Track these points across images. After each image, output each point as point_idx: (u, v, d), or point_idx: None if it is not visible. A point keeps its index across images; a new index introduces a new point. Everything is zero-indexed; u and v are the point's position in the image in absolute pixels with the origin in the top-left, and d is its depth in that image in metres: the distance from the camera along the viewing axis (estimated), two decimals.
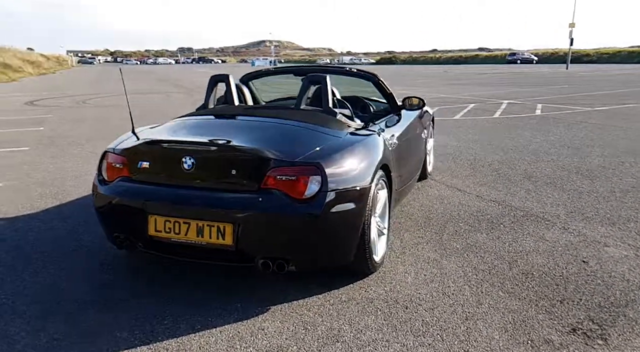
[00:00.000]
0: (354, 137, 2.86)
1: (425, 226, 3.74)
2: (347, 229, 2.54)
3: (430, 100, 13.75)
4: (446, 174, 5.37)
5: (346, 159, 2.59)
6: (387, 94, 3.95)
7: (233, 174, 2.41)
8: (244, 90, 3.49)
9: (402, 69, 48.34)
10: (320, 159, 2.46)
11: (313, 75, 3.19)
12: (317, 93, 3.18)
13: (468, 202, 4.32)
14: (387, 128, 3.46)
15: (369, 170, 2.67)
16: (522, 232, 3.59)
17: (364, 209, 2.60)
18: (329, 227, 2.43)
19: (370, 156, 2.75)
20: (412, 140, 4.03)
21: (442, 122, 9.47)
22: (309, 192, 2.38)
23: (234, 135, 2.67)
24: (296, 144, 2.60)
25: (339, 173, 2.49)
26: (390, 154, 3.16)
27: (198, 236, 2.43)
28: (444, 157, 6.24)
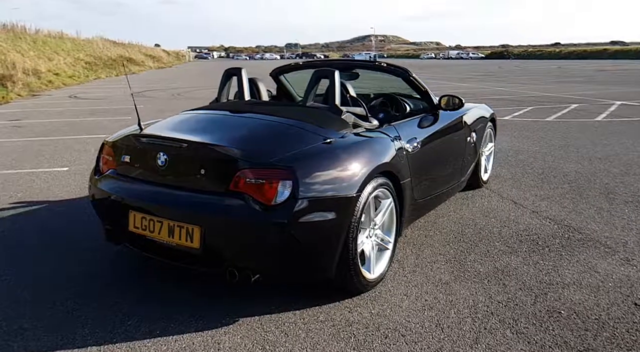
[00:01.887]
0: (349, 139, 2.59)
1: (453, 242, 3.32)
2: (322, 241, 2.29)
3: (528, 99, 12.60)
4: (507, 183, 4.78)
5: (328, 163, 2.33)
6: (422, 92, 3.57)
7: (202, 173, 2.28)
8: (258, 85, 3.34)
9: (511, 64, 45.15)
10: (296, 162, 2.24)
11: (321, 69, 2.94)
12: (328, 89, 2.94)
13: (518, 218, 3.78)
14: (409, 130, 3.10)
15: (358, 178, 2.38)
16: (570, 260, 3.03)
17: (346, 221, 2.32)
18: (298, 238, 2.20)
19: (362, 161, 2.46)
20: (447, 144, 3.60)
21: (529, 124, 8.57)
22: (279, 198, 2.17)
23: (217, 132, 2.54)
24: (276, 144, 2.40)
25: (316, 179, 2.24)
26: (402, 160, 2.83)
27: (169, 236, 2.34)
28: (513, 163, 5.59)
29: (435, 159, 3.38)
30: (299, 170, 2.21)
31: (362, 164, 2.45)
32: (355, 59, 3.88)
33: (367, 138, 2.70)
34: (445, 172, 3.58)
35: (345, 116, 2.80)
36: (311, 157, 2.31)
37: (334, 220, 2.27)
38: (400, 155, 2.83)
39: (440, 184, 3.52)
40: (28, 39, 25.91)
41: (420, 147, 3.10)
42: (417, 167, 3.05)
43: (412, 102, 3.86)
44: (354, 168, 2.41)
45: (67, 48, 30.24)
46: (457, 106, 3.51)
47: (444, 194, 3.65)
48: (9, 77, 15.88)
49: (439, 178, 3.47)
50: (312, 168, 2.27)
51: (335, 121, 2.74)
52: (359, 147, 2.56)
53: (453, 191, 3.89)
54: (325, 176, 2.28)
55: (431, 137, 3.32)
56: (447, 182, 3.65)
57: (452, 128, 3.66)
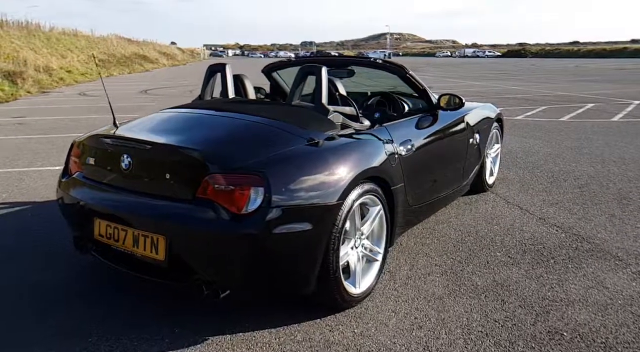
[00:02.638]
0: (333, 141, 2.38)
1: (451, 251, 3.10)
2: (298, 254, 2.09)
3: (542, 98, 12.24)
4: (514, 187, 4.53)
5: (307, 167, 2.13)
6: (420, 90, 3.34)
7: (167, 178, 2.10)
8: (244, 82, 3.15)
9: (527, 63, 44.34)
10: (270, 166, 2.04)
11: (308, 66, 2.74)
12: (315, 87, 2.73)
13: (523, 226, 3.54)
14: (403, 132, 2.89)
15: (341, 184, 2.18)
16: (576, 273, 2.79)
17: (326, 231, 2.13)
18: (271, 251, 2.01)
19: (347, 166, 2.26)
20: (447, 146, 3.37)
21: (542, 124, 8.26)
22: (250, 207, 1.98)
23: (188, 132, 2.36)
24: (251, 146, 2.20)
25: (293, 185, 2.05)
26: (393, 164, 2.62)
27: (134, 246, 2.17)
28: (522, 165, 5.32)
29: (432, 162, 3.16)
30: (273, 176, 2.01)
31: (347, 168, 2.24)
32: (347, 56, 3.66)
33: (354, 140, 2.49)
34: (444, 177, 3.35)
35: (332, 116, 2.59)
36: (288, 161, 2.11)
37: (312, 230, 2.08)
38: (391, 159, 2.62)
39: (439, 189, 3.30)
40: (42, 37, 26.12)
41: (415, 150, 2.89)
42: (411, 172, 2.83)
43: (412, 101, 3.64)
44: (337, 173, 2.21)
45: (81, 45, 30.44)
46: (458, 106, 3.28)
47: (443, 199, 3.42)
48: (19, 74, 15.95)
49: (437, 183, 3.25)
50: (289, 173, 2.07)
51: (320, 121, 2.53)
52: (344, 150, 2.36)
53: (454, 196, 3.67)
54: (303, 182, 2.09)
55: (428, 139, 3.10)
56: (447, 187, 3.42)
57: (452, 129, 3.43)
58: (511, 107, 10.45)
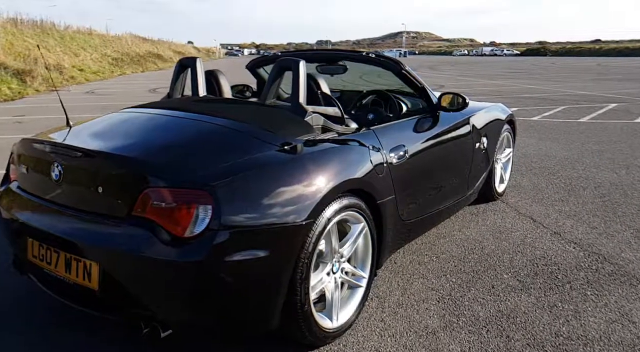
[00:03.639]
0: (308, 148, 2.02)
1: (452, 272, 2.72)
2: (256, 285, 1.74)
3: (561, 98, 11.69)
4: (528, 195, 4.11)
5: (270, 180, 1.78)
6: (418, 88, 2.96)
7: (100, 191, 1.76)
8: (219, 79, 2.80)
9: (547, 61, 43.24)
10: (221, 179, 1.69)
11: (283, 59, 2.39)
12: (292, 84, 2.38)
13: (535, 242, 3.13)
14: (395, 136, 2.52)
15: (313, 199, 1.82)
16: (597, 302, 2.39)
17: (292, 257, 1.77)
18: (221, 282, 1.66)
19: (322, 177, 1.90)
20: (448, 152, 2.99)
21: (560, 125, 7.77)
22: (196, 229, 1.63)
23: (133, 136, 2.03)
24: (204, 154, 1.85)
25: (250, 202, 1.70)
26: (381, 174, 2.25)
27: (67, 271, 1.84)
28: (537, 171, 4.89)
29: (431, 170, 2.78)
30: (226, 191, 1.66)
31: (322, 180, 1.89)
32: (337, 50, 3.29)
33: (333, 146, 2.13)
34: (445, 186, 2.97)
35: (311, 118, 2.23)
36: (247, 173, 1.76)
37: (273, 257, 1.72)
38: (378, 168, 2.25)
39: (439, 200, 2.92)
40: (55, 35, 26.22)
41: (409, 157, 2.51)
42: (404, 182, 2.46)
43: (412, 100, 3.26)
44: (309, 186, 1.85)
45: (95, 44, 30.55)
46: (460, 106, 2.89)
47: (445, 211, 3.04)
48: (29, 72, 15.91)
49: (436, 193, 2.87)
50: (247, 187, 1.72)
51: (296, 124, 2.18)
52: (319, 158, 2.00)
53: (457, 207, 3.28)
54: (264, 198, 1.73)
55: (426, 144, 2.72)
56: (449, 198, 3.03)
57: (455, 132, 3.04)
58: (528, 107, 9.96)
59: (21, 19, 24.77)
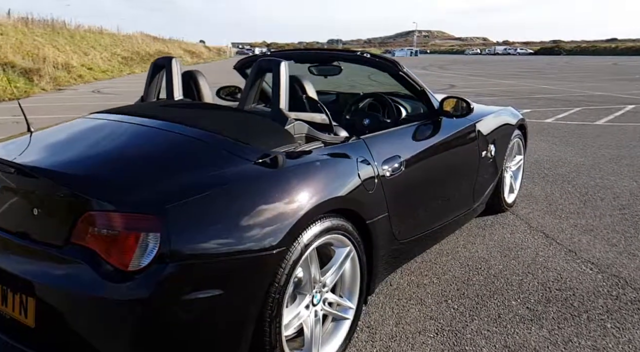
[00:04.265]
0: (284, 162, 1.76)
1: (454, 297, 2.44)
2: (214, 326, 1.48)
3: (576, 99, 11.29)
4: (539, 206, 3.81)
5: (232, 202, 1.52)
6: (417, 92, 2.68)
7: (35, 214, 1.52)
8: (198, 80, 2.55)
9: (562, 60, 42.43)
10: (173, 201, 1.44)
11: (263, 60, 2.13)
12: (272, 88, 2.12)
13: (548, 261, 2.84)
14: (389, 146, 2.25)
15: (286, 222, 1.56)
16: (618, 337, 2.10)
17: (259, 292, 1.52)
18: (171, 323, 1.41)
19: (298, 196, 1.64)
20: (451, 161, 2.71)
21: (575, 128, 7.41)
22: (142, 261, 1.38)
23: (82, 148, 1.78)
24: (156, 171, 1.60)
25: (208, 228, 1.44)
26: (371, 190, 1.99)
27: (3, 304, 1.60)
28: (550, 179, 4.58)
29: (430, 183, 2.50)
30: (179, 215, 1.41)
31: (299, 200, 1.63)
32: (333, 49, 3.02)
33: (316, 159, 1.86)
34: (447, 199, 2.69)
35: (293, 126, 1.97)
36: (208, 192, 1.50)
37: (236, 293, 1.47)
38: (368, 183, 1.98)
39: (440, 215, 2.64)
40: (66, 34, 26.27)
41: (405, 169, 2.24)
42: (399, 197, 2.20)
43: (412, 104, 2.98)
44: (283, 207, 1.59)
45: (105, 43, 30.61)
46: (464, 112, 2.61)
47: (447, 227, 2.76)
48: (36, 71, 15.87)
49: (437, 208, 2.60)
50: (205, 210, 1.46)
51: (274, 133, 1.92)
52: (298, 173, 1.73)
53: (462, 221, 3.00)
54: (226, 222, 1.48)
55: (425, 154, 2.44)
56: (452, 212, 2.76)
57: (458, 140, 2.76)
58: (540, 109, 9.59)
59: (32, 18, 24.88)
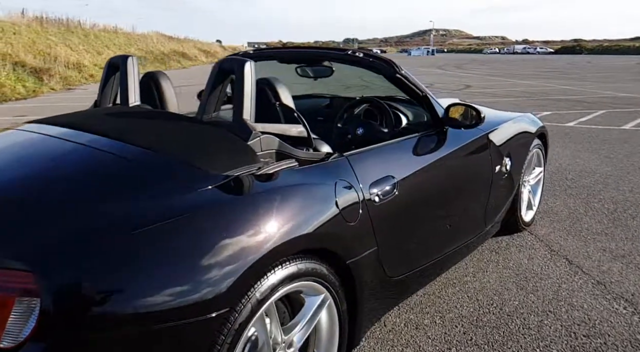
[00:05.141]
0: (236, 189, 1.39)
1: (460, 343, 2.04)
2: None
3: (599, 100, 10.71)
4: (562, 225, 3.37)
5: (152, 248, 1.15)
6: (419, 97, 2.28)
7: None
8: (160, 83, 2.19)
9: (583, 60, 41.31)
10: (62, 252, 1.07)
11: (224, 60, 1.76)
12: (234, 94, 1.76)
13: (573, 296, 2.42)
14: (380, 164, 1.86)
15: (231, 274, 1.20)
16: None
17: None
18: None
19: (251, 236, 1.28)
20: (458, 179, 2.31)
21: (599, 133, 6.90)
22: (18, 335, 1.02)
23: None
24: (54, 208, 1.22)
25: (112, 287, 1.08)
26: (351, 221, 1.61)
27: None
28: (573, 191, 4.13)
29: (432, 206, 2.11)
30: (69, 271, 1.05)
31: (253, 241, 1.26)
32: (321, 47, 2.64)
33: (283, 185, 1.48)
34: (453, 224, 2.29)
35: (259, 140, 1.60)
36: (115, 237, 1.14)
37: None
38: (348, 213, 1.60)
39: (444, 243, 2.25)
40: (80, 34, 26.32)
41: (400, 191, 1.85)
42: (392, 226, 1.81)
43: (414, 110, 2.59)
44: (226, 253, 1.22)
45: (119, 42, 30.67)
46: (474, 121, 2.21)
47: (453, 255, 2.36)
48: (46, 71, 15.79)
49: (440, 235, 2.20)
50: (110, 262, 1.10)
51: (233, 151, 1.55)
52: (256, 204, 1.36)
53: (472, 246, 2.60)
54: (142, 278, 1.11)
55: (426, 172, 2.05)
56: (459, 238, 2.36)
57: (467, 154, 2.36)
58: (561, 111, 9.07)
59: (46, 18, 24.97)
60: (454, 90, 13.89)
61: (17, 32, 19.31)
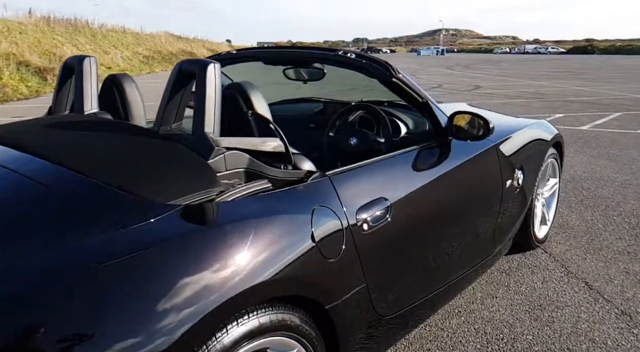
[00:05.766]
0: (186, 224, 1.13)
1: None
2: None
3: (614, 102, 10.32)
4: (579, 241, 3.08)
5: (62, 304, 0.90)
6: (418, 104, 1.99)
7: None
8: (123, 87, 1.92)
9: (596, 60, 40.58)
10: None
11: (185, 62, 1.50)
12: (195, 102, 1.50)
13: (594, 329, 2.13)
14: (371, 183, 1.59)
15: (171, 334, 0.94)
16: None
17: None
18: None
19: (202, 283, 1.02)
20: (462, 198, 2.03)
21: (616, 137, 6.56)
22: None
23: None
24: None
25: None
26: (332, 257, 1.34)
27: None
28: (590, 202, 3.82)
29: (432, 232, 1.84)
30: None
31: (205, 290, 1.01)
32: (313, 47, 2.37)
33: (247, 215, 1.22)
34: (457, 249, 2.01)
35: (223, 158, 1.34)
36: (15, 291, 0.88)
37: None
38: (329, 246, 1.33)
39: (447, 271, 1.97)
40: (87, 33, 26.28)
41: (394, 216, 1.58)
42: (384, 257, 1.55)
43: (416, 118, 2.32)
44: (164, 307, 0.96)
45: (127, 42, 30.64)
46: (481, 132, 1.93)
47: (458, 284, 2.08)
48: (50, 70, 15.68)
49: (442, 263, 1.92)
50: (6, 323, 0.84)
51: (189, 171, 1.29)
52: (201, 245, 1.09)
53: (480, 271, 2.32)
54: (44, 338, 0.85)
55: (426, 192, 1.77)
56: (464, 264, 2.08)
57: (474, 169, 2.08)
58: (575, 113, 8.72)
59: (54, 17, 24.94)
60: (463, 91, 13.55)
61: (22, 31, 19.27)
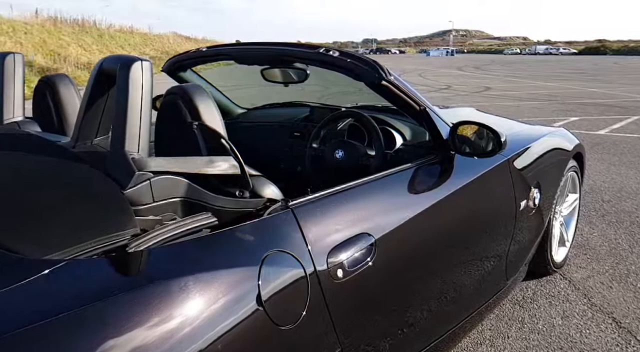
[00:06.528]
0: (58, 299, 0.81)
1: None
2: None
3: (632, 105, 9.88)
4: (603, 265, 2.72)
5: None
6: (415, 113, 1.66)
7: None
8: (59, 92, 1.62)
9: (609, 61, 39.77)
10: None
11: (108, 59, 1.18)
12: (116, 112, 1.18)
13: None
14: (350, 213, 1.26)
15: None
16: None
17: None
18: None
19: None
20: (468, 230, 1.69)
21: (636, 142, 6.15)
22: None
23: None
24: None
25: None
26: (284, 325, 1.01)
27: None
28: (613, 217, 3.45)
29: (428, 270, 1.50)
30: None
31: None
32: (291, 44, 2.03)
33: (161, 278, 0.89)
34: (461, 289, 1.67)
35: (146, 186, 1.02)
36: None
37: None
38: (285, 309, 1.00)
39: (450, 316, 1.63)
40: (94, 34, 26.21)
41: (378, 258, 1.24)
42: (365, 312, 1.22)
43: (412, 126, 1.99)
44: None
45: (135, 42, 30.55)
46: (490, 147, 1.59)
47: (464, 327, 1.74)
48: (54, 71, 15.55)
49: (441, 307, 1.59)
50: None
51: (94, 208, 0.97)
52: (92, 320, 0.77)
53: (490, 308, 1.97)
54: None
55: (421, 221, 1.44)
56: (471, 306, 1.74)
57: (482, 190, 1.74)
58: (590, 117, 8.30)
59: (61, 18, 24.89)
60: (472, 92, 13.15)
61: (28, 31, 19.20)
